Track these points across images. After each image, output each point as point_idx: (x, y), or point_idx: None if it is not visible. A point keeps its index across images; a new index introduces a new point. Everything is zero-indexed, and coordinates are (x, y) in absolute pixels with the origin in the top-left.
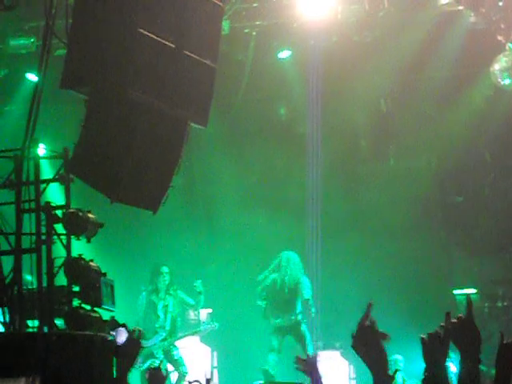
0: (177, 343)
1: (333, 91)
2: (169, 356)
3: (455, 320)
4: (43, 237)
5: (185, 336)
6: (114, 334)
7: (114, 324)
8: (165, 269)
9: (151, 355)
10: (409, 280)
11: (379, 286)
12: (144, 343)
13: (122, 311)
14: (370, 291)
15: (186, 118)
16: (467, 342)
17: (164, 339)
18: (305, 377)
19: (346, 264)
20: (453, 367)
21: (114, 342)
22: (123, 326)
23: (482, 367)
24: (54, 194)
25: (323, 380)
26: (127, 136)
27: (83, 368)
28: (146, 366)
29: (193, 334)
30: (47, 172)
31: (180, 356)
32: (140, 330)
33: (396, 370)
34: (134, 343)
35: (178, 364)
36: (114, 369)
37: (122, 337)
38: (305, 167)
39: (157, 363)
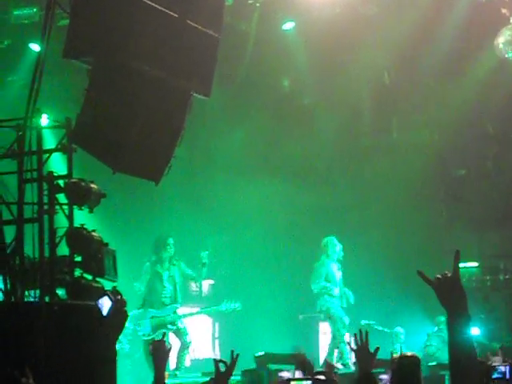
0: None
1: (336, 63)
2: (173, 326)
3: (440, 276)
4: (45, 207)
5: (202, 313)
6: (99, 303)
7: (102, 294)
8: (170, 240)
9: (163, 326)
10: (410, 253)
11: (381, 259)
12: (157, 313)
13: (125, 281)
14: (372, 265)
15: (188, 89)
16: (453, 298)
17: (176, 310)
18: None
19: (347, 237)
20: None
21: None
22: (106, 294)
23: (483, 340)
24: (57, 164)
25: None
26: (130, 106)
27: (84, 337)
28: (155, 336)
29: (211, 312)
30: (50, 142)
31: (184, 326)
32: (123, 299)
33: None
34: (119, 312)
35: (181, 334)
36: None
37: (106, 306)
38: (308, 139)
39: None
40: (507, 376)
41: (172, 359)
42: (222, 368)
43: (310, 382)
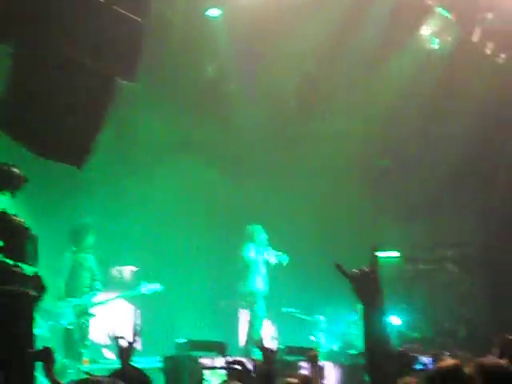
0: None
1: (262, 51)
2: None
3: (357, 270)
4: None
5: (122, 297)
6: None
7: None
8: (89, 228)
9: (85, 313)
10: (333, 242)
11: (303, 248)
12: (78, 301)
13: (45, 267)
14: (294, 253)
15: (114, 75)
16: (368, 292)
17: (96, 298)
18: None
19: (270, 226)
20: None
21: (36, 297)
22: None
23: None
24: None
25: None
26: (52, 90)
27: (5, 323)
28: (79, 324)
29: (130, 295)
30: None
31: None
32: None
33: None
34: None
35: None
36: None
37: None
38: (232, 127)
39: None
40: (429, 367)
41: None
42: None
43: (225, 371)
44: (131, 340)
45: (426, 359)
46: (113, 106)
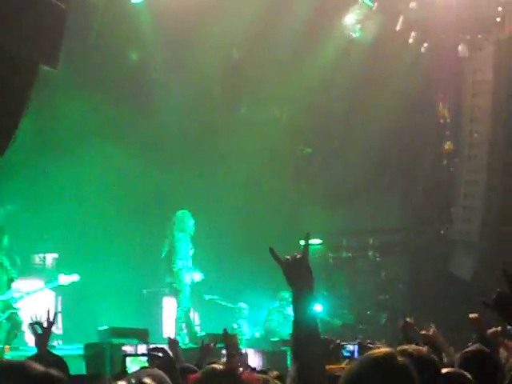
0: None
1: (186, 38)
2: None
3: (289, 257)
4: None
5: (41, 290)
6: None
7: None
8: (3, 230)
9: (9, 307)
10: (257, 229)
11: (227, 235)
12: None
13: None
14: (218, 240)
15: (35, 60)
16: (299, 278)
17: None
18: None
19: (195, 213)
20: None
21: None
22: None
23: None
24: None
25: None
26: None
27: None
28: (4, 316)
29: (50, 287)
30: None
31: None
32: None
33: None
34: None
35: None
36: None
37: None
38: (156, 114)
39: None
40: (356, 355)
41: None
42: None
43: (146, 358)
44: (46, 325)
45: (351, 347)
46: (34, 91)
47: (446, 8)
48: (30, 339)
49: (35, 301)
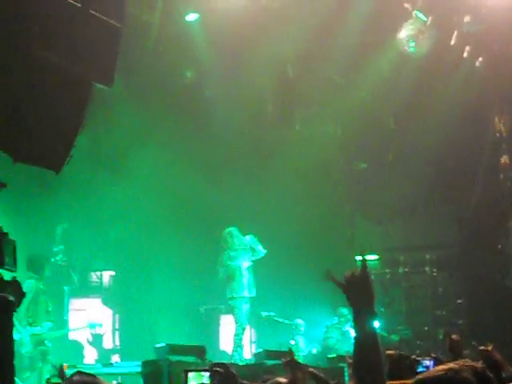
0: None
1: (240, 56)
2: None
3: (348, 275)
4: None
5: (73, 331)
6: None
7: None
8: (47, 258)
9: (41, 343)
10: (312, 246)
11: (283, 251)
12: (35, 330)
13: (23, 272)
14: (273, 256)
15: (90, 78)
16: (360, 297)
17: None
18: (206, 341)
19: (249, 229)
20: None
21: (15, 303)
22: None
23: (383, 333)
24: None
25: None
26: (30, 94)
27: None
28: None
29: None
30: None
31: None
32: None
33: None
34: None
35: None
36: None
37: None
38: (210, 131)
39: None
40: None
41: None
42: None
43: (208, 373)
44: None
45: (427, 362)
46: (89, 110)
47: (501, 21)
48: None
49: (93, 318)
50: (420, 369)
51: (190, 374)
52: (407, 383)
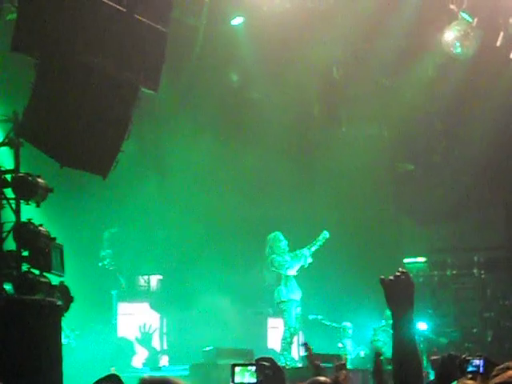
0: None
1: (285, 58)
2: None
3: (392, 277)
4: None
5: None
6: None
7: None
8: None
9: None
10: (358, 248)
11: (329, 254)
12: None
13: (71, 277)
14: (320, 259)
15: (136, 83)
16: (400, 299)
17: None
18: (254, 343)
19: (295, 232)
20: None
21: (63, 307)
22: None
23: (430, 335)
24: (4, 159)
25: None
26: (77, 100)
27: (31, 332)
28: None
29: None
30: None
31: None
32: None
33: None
34: None
35: None
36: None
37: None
38: (255, 133)
39: None
40: (481, 370)
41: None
42: None
43: (255, 367)
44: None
45: (477, 361)
46: (136, 114)
47: None
48: (136, 361)
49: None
50: (470, 368)
51: (237, 369)
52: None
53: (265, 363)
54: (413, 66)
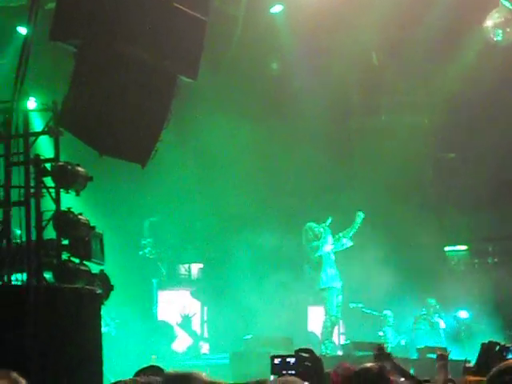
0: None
1: (325, 45)
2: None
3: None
4: (32, 190)
5: None
6: None
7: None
8: None
9: None
10: (400, 237)
11: (369, 242)
12: None
13: (111, 265)
14: (359, 247)
15: (175, 72)
16: None
17: None
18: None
19: (334, 219)
20: (442, 324)
21: (103, 295)
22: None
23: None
24: (44, 147)
25: None
26: (116, 89)
27: (72, 321)
28: None
29: None
30: (37, 125)
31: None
32: None
33: None
34: None
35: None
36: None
37: None
38: (296, 121)
39: None
40: None
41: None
42: None
43: (294, 358)
44: None
45: None
46: (175, 103)
47: None
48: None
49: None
50: (510, 355)
51: (276, 360)
52: None
53: (304, 354)
54: (453, 54)
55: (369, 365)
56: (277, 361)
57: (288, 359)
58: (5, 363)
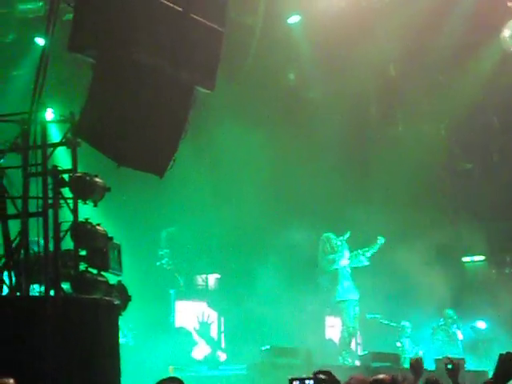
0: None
1: (342, 56)
2: None
3: None
4: (50, 201)
5: None
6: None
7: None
8: None
9: None
10: (417, 247)
11: (386, 252)
12: None
13: (129, 275)
14: (377, 258)
15: (192, 83)
16: None
17: None
18: (312, 342)
19: (351, 229)
20: (460, 335)
21: (121, 306)
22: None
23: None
24: (61, 158)
25: None
26: (133, 100)
27: (89, 332)
28: None
29: None
30: (55, 136)
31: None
32: None
33: None
34: None
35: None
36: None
37: None
38: (313, 131)
39: None
40: None
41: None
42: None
43: (312, 381)
44: None
45: None
46: (192, 114)
47: None
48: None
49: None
50: None
51: (295, 383)
52: None
53: (322, 376)
54: (470, 64)
55: (381, 376)
56: (295, 383)
57: (307, 382)
58: (21, 374)
